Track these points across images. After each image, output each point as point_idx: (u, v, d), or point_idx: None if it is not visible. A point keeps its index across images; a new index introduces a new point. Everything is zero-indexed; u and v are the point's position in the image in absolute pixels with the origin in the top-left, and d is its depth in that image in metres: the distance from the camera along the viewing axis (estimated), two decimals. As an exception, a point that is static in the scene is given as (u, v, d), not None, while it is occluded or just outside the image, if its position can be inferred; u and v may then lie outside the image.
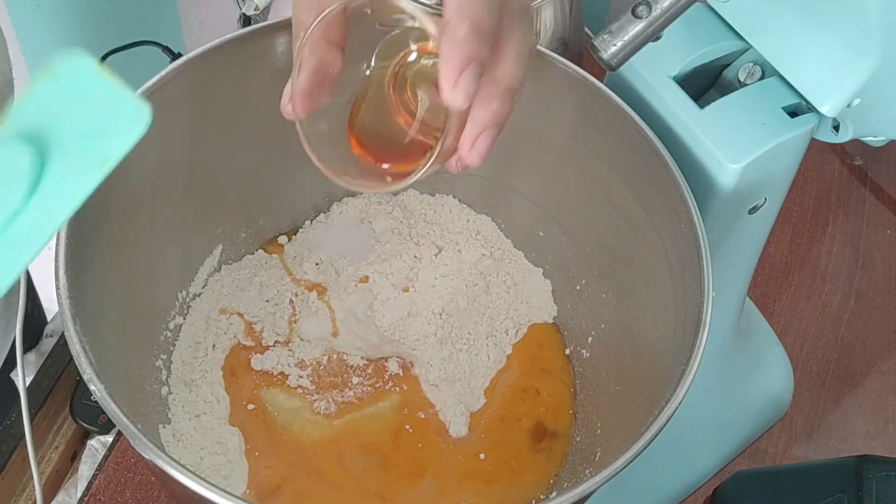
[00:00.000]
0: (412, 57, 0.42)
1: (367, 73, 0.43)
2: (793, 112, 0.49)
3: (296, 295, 0.60)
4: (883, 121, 0.50)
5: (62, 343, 0.75)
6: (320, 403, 0.57)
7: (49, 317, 0.83)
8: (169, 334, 0.56)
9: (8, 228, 0.28)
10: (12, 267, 0.28)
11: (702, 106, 0.49)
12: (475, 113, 0.37)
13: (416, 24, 0.37)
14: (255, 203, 0.60)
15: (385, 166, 0.43)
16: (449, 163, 0.39)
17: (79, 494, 0.63)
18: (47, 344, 0.76)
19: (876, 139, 0.55)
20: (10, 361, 0.73)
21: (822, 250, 0.80)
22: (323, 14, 0.38)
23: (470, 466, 0.56)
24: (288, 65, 0.53)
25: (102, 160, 0.28)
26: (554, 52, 0.52)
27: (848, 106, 0.47)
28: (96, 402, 0.45)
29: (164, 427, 0.53)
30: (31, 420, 0.66)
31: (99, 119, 0.28)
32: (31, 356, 0.76)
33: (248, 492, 0.53)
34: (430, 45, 0.41)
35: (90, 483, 0.62)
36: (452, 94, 0.35)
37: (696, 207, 0.47)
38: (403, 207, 0.63)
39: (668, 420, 0.42)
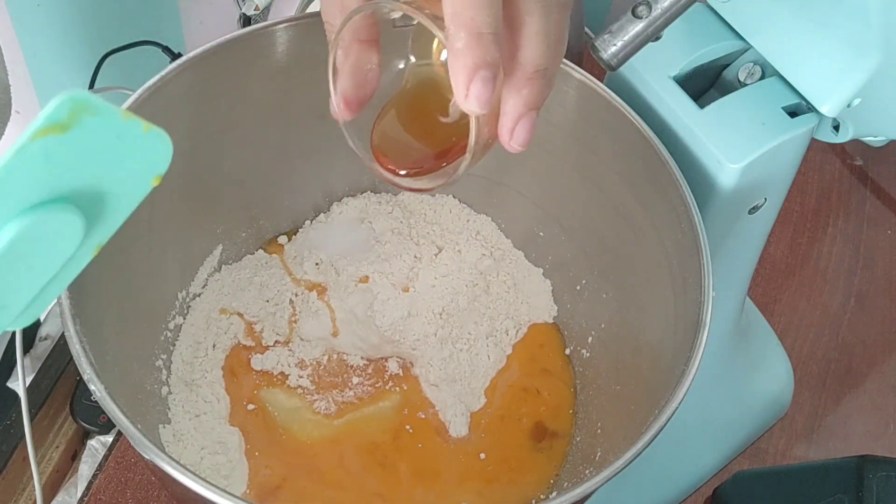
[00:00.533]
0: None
1: (402, 66, 0.42)
2: (793, 112, 0.49)
3: (296, 295, 0.60)
4: (883, 121, 0.50)
5: (61, 343, 0.75)
6: (320, 403, 0.57)
7: (42, 317, 0.83)
8: (169, 334, 0.56)
9: (52, 280, 0.28)
10: (43, 305, 0.28)
11: (702, 106, 0.49)
12: (506, 104, 0.36)
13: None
14: (255, 203, 0.60)
15: (402, 173, 0.43)
16: (503, 144, 0.38)
17: (79, 494, 0.63)
18: (42, 348, 0.76)
19: (876, 139, 0.54)
20: (6, 369, 0.73)
21: (822, 250, 0.80)
22: (347, 18, 0.38)
23: (470, 466, 0.56)
24: (288, 64, 0.54)
25: (133, 199, 0.27)
26: (554, 52, 0.52)
27: (848, 106, 0.47)
28: (96, 402, 0.45)
29: (164, 427, 0.53)
30: (31, 420, 0.66)
31: (124, 159, 0.26)
32: (27, 361, 0.76)
33: (248, 492, 0.53)
34: None
35: (90, 483, 0.62)
36: (466, 104, 0.34)
37: (696, 207, 0.47)
38: (403, 207, 0.63)
39: (668, 420, 0.42)
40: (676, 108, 0.49)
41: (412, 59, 0.42)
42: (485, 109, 0.34)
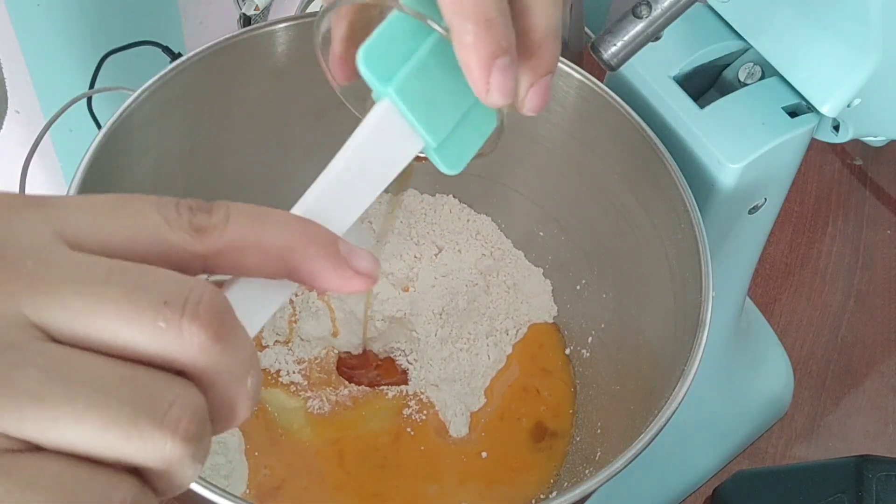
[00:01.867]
0: None
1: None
2: (793, 112, 0.49)
3: (296, 295, 0.60)
4: (883, 121, 0.50)
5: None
6: (321, 403, 0.57)
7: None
8: (169, 334, 0.56)
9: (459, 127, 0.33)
10: (461, 152, 0.34)
11: (702, 106, 0.49)
12: (520, 73, 0.33)
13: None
14: (255, 203, 0.60)
15: None
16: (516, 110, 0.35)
17: (79, 494, 0.63)
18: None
19: (876, 139, 0.55)
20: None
21: (822, 250, 0.80)
22: (328, 7, 0.37)
23: (470, 466, 0.56)
24: (288, 64, 0.54)
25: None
26: (554, 51, 0.52)
27: (848, 106, 0.47)
28: (96, 401, 0.45)
29: (164, 427, 0.53)
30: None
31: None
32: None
33: (248, 492, 0.53)
34: None
35: (90, 483, 0.62)
36: (489, 99, 0.31)
37: (696, 207, 0.47)
38: (403, 207, 0.63)
39: (668, 420, 0.42)
40: (676, 108, 0.49)
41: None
42: (510, 99, 0.31)
